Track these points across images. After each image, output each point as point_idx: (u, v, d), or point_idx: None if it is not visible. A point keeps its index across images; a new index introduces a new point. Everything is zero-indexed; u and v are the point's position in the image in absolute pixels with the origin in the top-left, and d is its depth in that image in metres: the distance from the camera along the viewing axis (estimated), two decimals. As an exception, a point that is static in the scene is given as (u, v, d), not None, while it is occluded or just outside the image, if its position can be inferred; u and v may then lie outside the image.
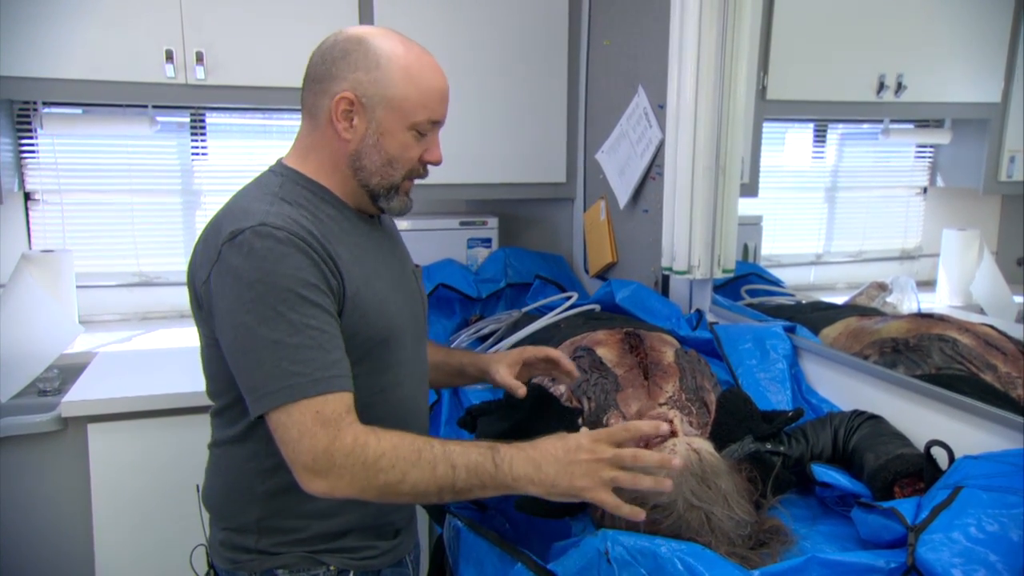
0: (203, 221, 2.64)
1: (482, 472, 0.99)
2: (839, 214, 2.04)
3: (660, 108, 2.08)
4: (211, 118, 2.62)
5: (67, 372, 2.19)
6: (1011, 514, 0.94)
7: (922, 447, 1.20)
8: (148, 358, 2.23)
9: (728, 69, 1.80)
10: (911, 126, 1.85)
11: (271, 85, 2.30)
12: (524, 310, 2.26)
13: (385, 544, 1.20)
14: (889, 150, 1.88)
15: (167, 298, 2.66)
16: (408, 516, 1.27)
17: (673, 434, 1.22)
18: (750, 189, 1.99)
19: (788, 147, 2.13)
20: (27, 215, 2.50)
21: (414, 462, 0.98)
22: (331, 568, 1.14)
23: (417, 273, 1.33)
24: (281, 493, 1.11)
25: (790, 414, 1.34)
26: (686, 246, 1.88)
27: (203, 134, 2.62)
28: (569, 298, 2.06)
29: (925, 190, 1.81)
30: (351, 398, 1.02)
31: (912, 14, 1.78)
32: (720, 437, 1.29)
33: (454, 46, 2.47)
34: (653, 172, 2.19)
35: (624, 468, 1.00)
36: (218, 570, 1.20)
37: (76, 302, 2.42)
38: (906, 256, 1.83)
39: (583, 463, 0.99)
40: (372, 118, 1.10)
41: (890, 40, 1.80)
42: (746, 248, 2.04)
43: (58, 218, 2.53)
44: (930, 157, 1.79)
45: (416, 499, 1.03)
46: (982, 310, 1.57)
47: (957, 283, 1.64)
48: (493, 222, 2.71)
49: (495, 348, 1.98)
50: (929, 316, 1.55)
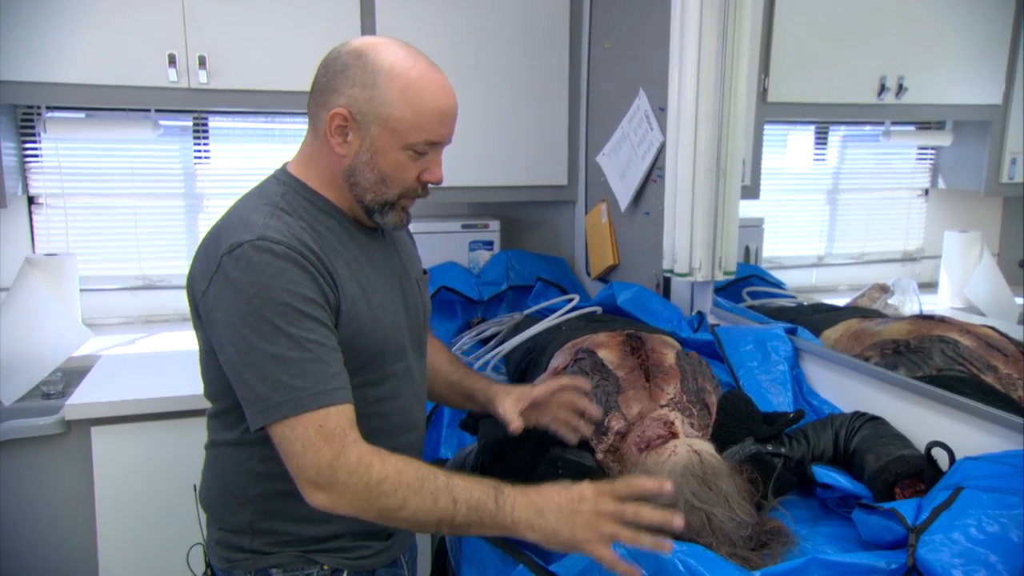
0: (206, 224, 2.65)
1: (483, 511, 0.98)
2: (840, 216, 2.05)
3: (661, 110, 2.08)
4: (214, 122, 2.63)
5: (70, 375, 2.20)
6: (1011, 515, 0.94)
7: (923, 448, 1.20)
8: (151, 361, 2.24)
9: (729, 71, 1.81)
10: (912, 128, 1.85)
11: (273, 89, 2.31)
12: (526, 312, 2.26)
13: (379, 544, 1.20)
14: (890, 152, 1.89)
15: (170, 301, 2.67)
16: None
17: (674, 436, 1.22)
18: (751, 191, 1.99)
19: (789, 149, 2.13)
20: (31, 219, 2.51)
21: (416, 490, 0.98)
22: (325, 567, 1.14)
23: (423, 281, 1.32)
24: (273, 497, 1.12)
25: (791, 416, 1.34)
26: (687, 248, 1.89)
27: (206, 138, 2.63)
28: (571, 300, 2.07)
29: (926, 192, 1.81)
30: (352, 411, 1.02)
31: (913, 16, 1.78)
32: (721, 439, 1.30)
33: (456, 50, 2.48)
34: (654, 174, 2.19)
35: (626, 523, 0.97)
36: (215, 569, 1.20)
37: (80, 305, 2.43)
38: (908, 258, 1.83)
39: (585, 515, 0.97)
40: (366, 135, 1.09)
41: (891, 42, 1.80)
42: (747, 250, 2.04)
43: (62, 222, 2.54)
44: (931, 159, 1.79)
45: (413, 527, 1.02)
46: (980, 311, 1.57)
47: (959, 285, 1.64)
48: (495, 225, 2.72)
49: (497, 350, 1.99)
50: (930, 318, 1.55)
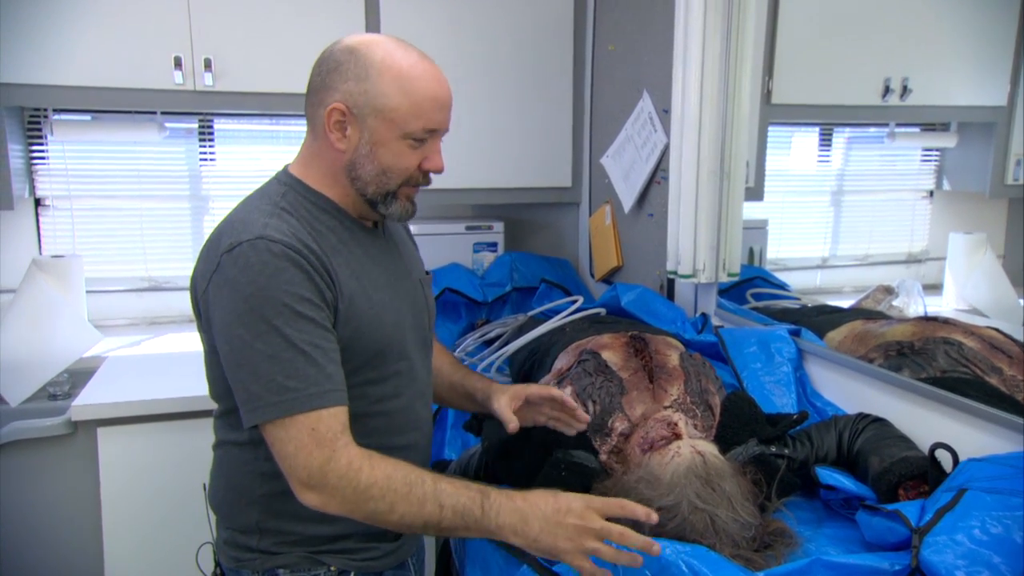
0: (211, 226, 2.64)
1: (468, 516, 1.00)
2: (845, 218, 2.04)
3: (665, 112, 2.08)
4: (219, 124, 2.64)
5: (77, 376, 2.21)
6: (1015, 516, 0.94)
7: (927, 450, 1.20)
8: (157, 362, 2.25)
9: (732, 73, 1.81)
10: (917, 130, 1.85)
11: (278, 91, 2.32)
12: (530, 314, 2.27)
13: (387, 546, 1.20)
14: (895, 154, 1.89)
15: (176, 302, 2.68)
16: None
17: (678, 437, 1.22)
18: (755, 193, 1.99)
19: (794, 151, 2.13)
20: (38, 221, 2.53)
21: (404, 495, 0.99)
22: (332, 568, 1.15)
23: (426, 281, 1.32)
24: (279, 496, 1.12)
25: (795, 417, 1.34)
26: (691, 250, 1.89)
27: (211, 140, 2.64)
28: (575, 302, 2.07)
29: (931, 193, 1.81)
30: (346, 414, 1.03)
31: (917, 18, 1.78)
32: (725, 440, 1.29)
33: (460, 52, 2.48)
34: (658, 176, 2.20)
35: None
36: (224, 568, 1.21)
37: (86, 307, 2.44)
38: (912, 260, 1.83)
39: (569, 528, 0.98)
40: (364, 128, 1.10)
41: (895, 43, 1.80)
42: (752, 252, 2.04)
43: (68, 223, 2.55)
44: (936, 161, 1.79)
45: (402, 529, 1.04)
46: (982, 313, 1.57)
47: (963, 287, 1.64)
48: (499, 226, 2.72)
49: (501, 352, 1.99)
50: (934, 319, 1.55)
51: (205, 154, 2.64)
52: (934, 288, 1.70)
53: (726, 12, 1.78)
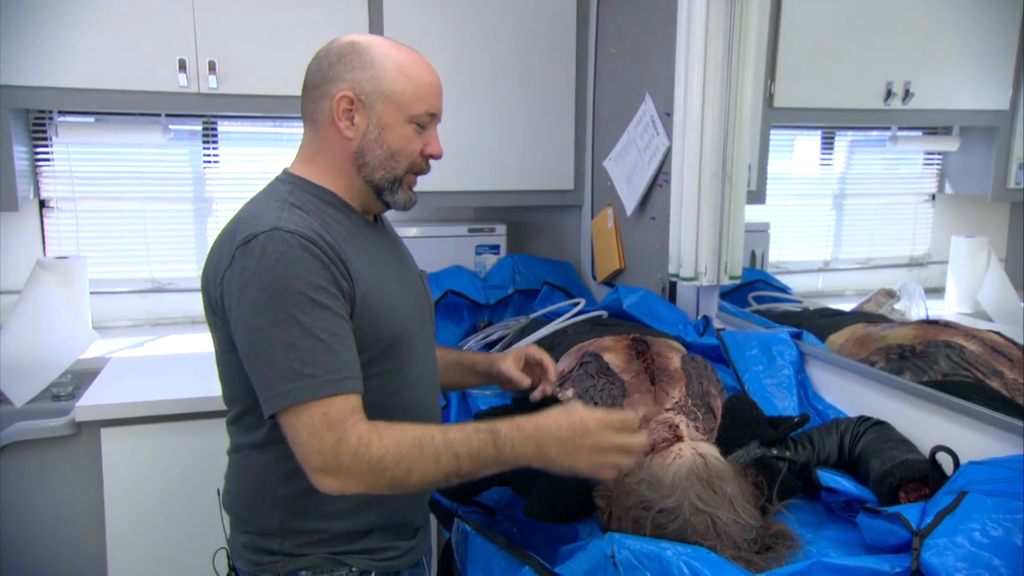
0: (215, 228, 2.68)
1: (485, 457, 1.02)
2: (847, 221, 2.05)
3: (667, 115, 2.09)
4: (223, 126, 2.65)
5: (80, 377, 2.22)
6: (1015, 519, 0.94)
7: (927, 453, 1.20)
8: (160, 363, 2.25)
9: (735, 76, 1.81)
10: (919, 133, 1.85)
11: (282, 94, 2.32)
12: (532, 316, 2.27)
13: (405, 544, 1.22)
14: (897, 157, 1.89)
15: (179, 304, 2.69)
16: (425, 515, 1.30)
17: (679, 439, 1.22)
18: (757, 196, 2.00)
19: (796, 154, 2.13)
20: (42, 222, 2.54)
21: (417, 456, 1.00)
22: (353, 569, 1.16)
23: (423, 276, 1.35)
24: (303, 495, 1.12)
25: (796, 420, 1.34)
26: (693, 253, 1.89)
27: (215, 142, 2.65)
28: (576, 304, 2.07)
29: (933, 197, 1.81)
30: (359, 400, 1.04)
31: (920, 21, 1.78)
32: (726, 442, 1.30)
33: (462, 55, 2.49)
34: (660, 179, 2.20)
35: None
36: (240, 572, 1.21)
37: (90, 308, 2.45)
38: (914, 263, 1.83)
39: (587, 447, 1.03)
40: (372, 114, 1.14)
41: (897, 47, 1.80)
42: (753, 255, 2.05)
43: (72, 225, 2.56)
44: (938, 164, 1.80)
45: (424, 489, 1.05)
46: (991, 317, 1.57)
47: (965, 290, 1.64)
48: (501, 229, 2.73)
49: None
50: (935, 323, 1.55)
51: (209, 156, 2.65)
52: (936, 292, 1.70)
53: (728, 15, 1.79)
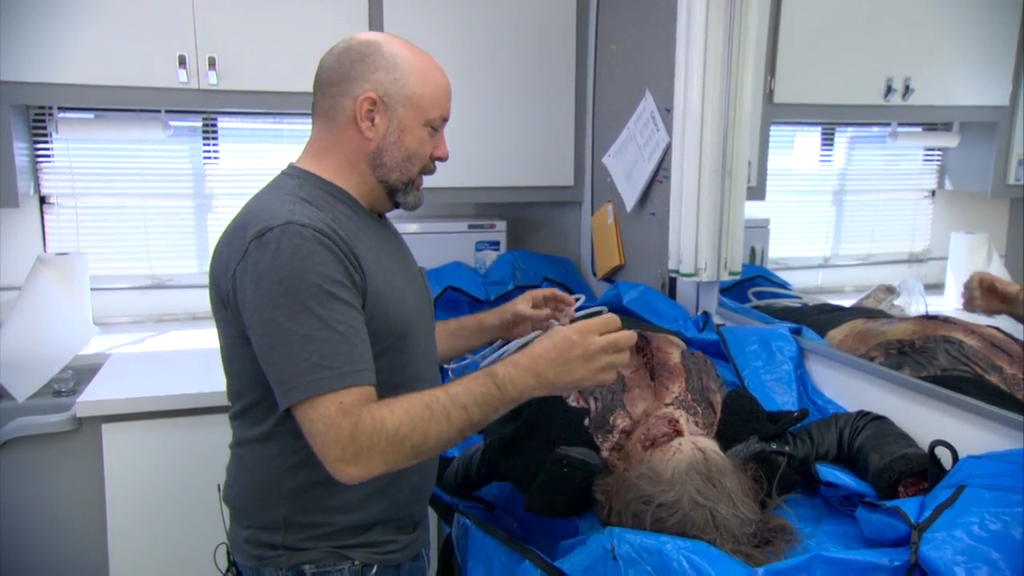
0: (215, 224, 2.68)
1: (491, 401, 1.05)
2: (847, 217, 2.05)
3: (667, 111, 2.09)
4: (223, 122, 2.65)
5: (81, 373, 2.22)
6: (1013, 513, 0.94)
7: (927, 447, 1.20)
8: (161, 359, 2.26)
9: (735, 73, 1.81)
10: (919, 129, 1.85)
11: (282, 90, 2.32)
12: (532, 312, 2.27)
13: (406, 538, 1.23)
14: (897, 153, 1.89)
15: (179, 300, 2.69)
16: (424, 509, 1.31)
17: (679, 433, 1.23)
18: (757, 192, 2.00)
19: (796, 150, 2.13)
20: (42, 218, 2.54)
21: (429, 418, 1.02)
22: (356, 563, 1.16)
23: (423, 272, 1.36)
24: (309, 489, 1.13)
25: (795, 415, 1.35)
26: (693, 249, 1.89)
27: (215, 138, 2.65)
28: (577, 300, 2.07)
29: (933, 193, 1.81)
30: (373, 391, 1.05)
31: (919, 17, 1.78)
32: (726, 437, 1.30)
33: (463, 51, 2.49)
34: (660, 175, 2.20)
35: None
36: (241, 567, 1.21)
37: (90, 304, 2.45)
38: (914, 259, 1.83)
39: (577, 358, 1.07)
40: (393, 116, 1.16)
41: (897, 43, 1.80)
42: (753, 251, 2.05)
43: (73, 221, 2.56)
44: (938, 160, 1.80)
45: (442, 449, 1.07)
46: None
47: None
48: (501, 225, 2.73)
49: (503, 350, 1.99)
50: (935, 318, 1.55)
51: (209, 152, 2.65)
52: (935, 288, 1.70)
53: (728, 11, 1.79)
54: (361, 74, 1.14)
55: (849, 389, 1.58)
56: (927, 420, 1.36)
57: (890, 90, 1.76)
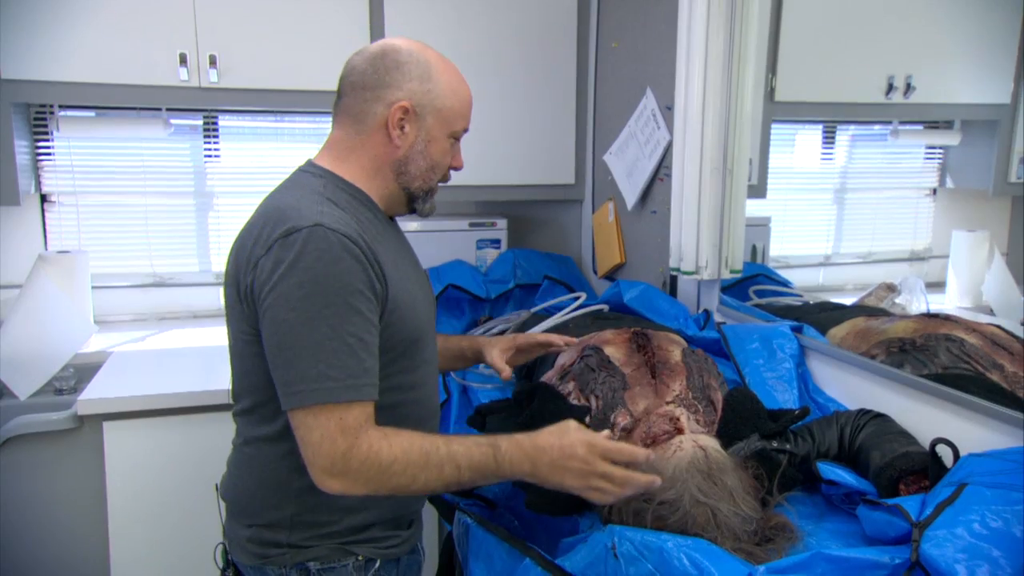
0: (216, 223, 2.68)
1: (484, 470, 1.07)
2: (848, 215, 2.05)
3: (668, 110, 2.09)
4: (224, 121, 2.65)
5: (82, 371, 2.22)
6: (1014, 510, 0.94)
7: (927, 445, 1.20)
8: (162, 357, 2.26)
9: (736, 71, 1.81)
10: (920, 127, 1.85)
11: (283, 88, 2.32)
12: (533, 310, 2.27)
13: (404, 534, 1.25)
14: (898, 151, 1.89)
15: (180, 299, 2.69)
16: (420, 508, 1.33)
17: (680, 432, 1.23)
18: (758, 190, 1.99)
19: (797, 148, 2.13)
20: (43, 216, 2.54)
21: (423, 465, 1.04)
22: (360, 558, 1.18)
23: (427, 275, 1.36)
24: (318, 488, 1.13)
25: (796, 413, 1.35)
26: (694, 247, 1.89)
27: (216, 137, 2.65)
28: (577, 298, 2.07)
29: (935, 191, 1.81)
30: (373, 407, 1.05)
31: (921, 15, 1.78)
32: (727, 435, 1.30)
33: (463, 49, 2.48)
34: (661, 173, 2.20)
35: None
36: (240, 566, 1.21)
37: (91, 302, 2.45)
38: (915, 257, 1.83)
39: (575, 469, 1.06)
40: (422, 126, 1.17)
41: (899, 41, 1.80)
42: (754, 249, 2.05)
43: (74, 219, 2.56)
44: (940, 158, 1.80)
45: (423, 492, 1.11)
46: (992, 311, 1.57)
47: (966, 284, 1.65)
48: (502, 223, 2.73)
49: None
50: (936, 316, 1.55)
51: (210, 151, 2.65)
52: (937, 286, 1.70)
53: (729, 9, 1.79)
54: (396, 81, 1.14)
55: (850, 387, 1.58)
56: (928, 418, 1.36)
57: (891, 88, 1.76)
